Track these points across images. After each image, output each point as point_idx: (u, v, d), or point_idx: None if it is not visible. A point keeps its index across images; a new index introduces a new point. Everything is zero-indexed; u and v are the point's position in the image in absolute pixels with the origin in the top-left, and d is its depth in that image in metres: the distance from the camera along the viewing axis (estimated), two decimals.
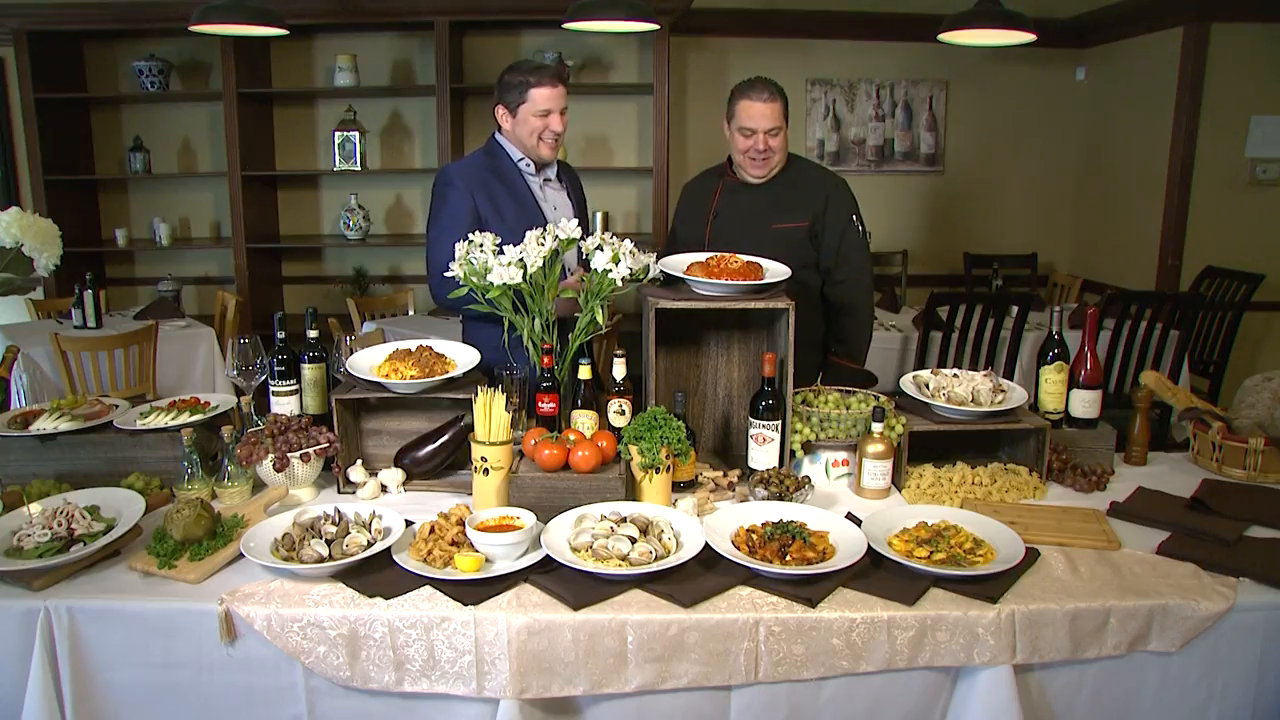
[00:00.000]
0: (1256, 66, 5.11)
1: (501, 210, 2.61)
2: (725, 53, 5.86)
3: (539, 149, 2.63)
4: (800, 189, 2.74)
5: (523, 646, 1.55)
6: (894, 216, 6.15)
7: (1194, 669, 1.65)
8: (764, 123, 2.61)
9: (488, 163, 2.68)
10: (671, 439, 1.92)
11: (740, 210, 2.75)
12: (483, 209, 2.60)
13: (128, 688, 1.62)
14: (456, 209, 2.59)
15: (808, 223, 2.71)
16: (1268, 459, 2.19)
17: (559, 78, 2.60)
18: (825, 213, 2.72)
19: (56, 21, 5.29)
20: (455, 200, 2.60)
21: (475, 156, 2.74)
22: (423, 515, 1.84)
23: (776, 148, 2.66)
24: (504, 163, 2.68)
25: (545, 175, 2.74)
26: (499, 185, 2.64)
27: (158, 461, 2.08)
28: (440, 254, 2.45)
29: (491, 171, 2.65)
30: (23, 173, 5.67)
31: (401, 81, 5.79)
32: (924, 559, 1.69)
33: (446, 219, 2.59)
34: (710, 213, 2.77)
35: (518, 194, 2.65)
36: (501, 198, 2.63)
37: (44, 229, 2.07)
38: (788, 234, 2.69)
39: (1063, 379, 2.27)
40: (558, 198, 2.77)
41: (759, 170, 2.69)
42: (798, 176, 2.77)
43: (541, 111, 2.57)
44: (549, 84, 2.57)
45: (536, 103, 2.57)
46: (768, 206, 2.72)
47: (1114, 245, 5.85)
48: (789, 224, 2.70)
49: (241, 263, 5.63)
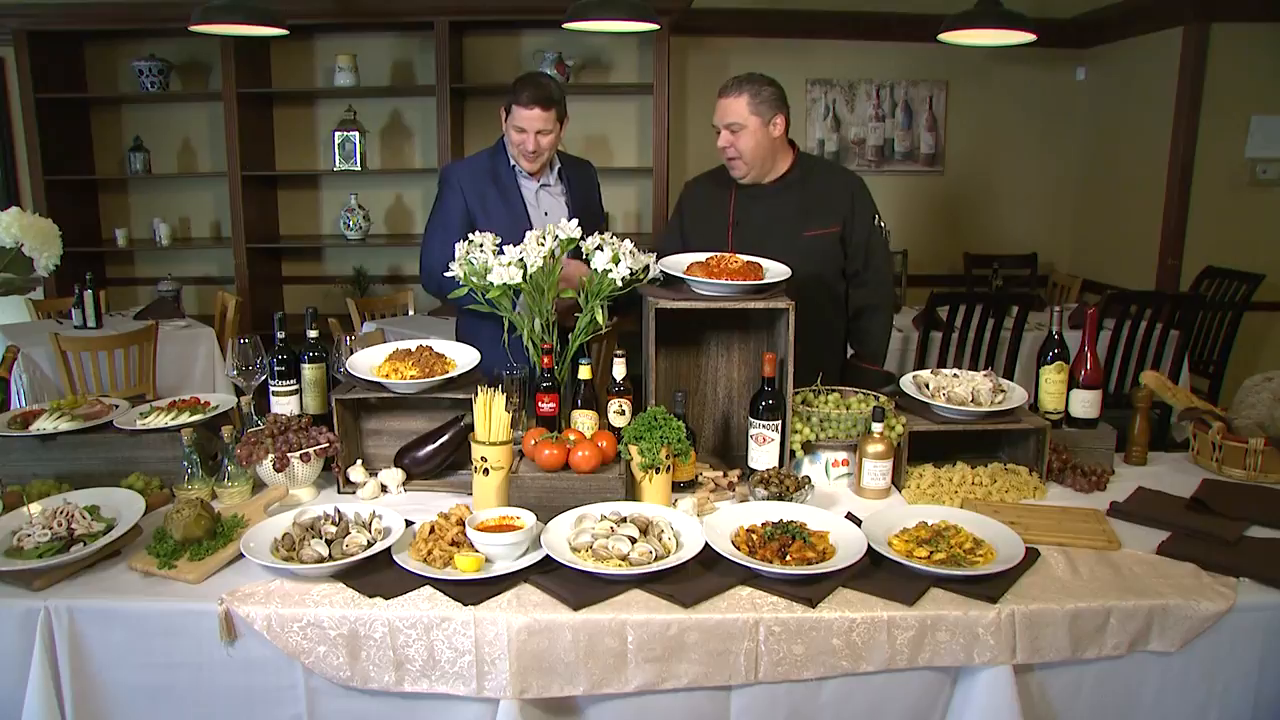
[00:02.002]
0: (1256, 66, 5.11)
1: (489, 210, 2.72)
2: (725, 53, 5.86)
3: (519, 160, 2.73)
4: (823, 192, 2.65)
5: (523, 646, 1.55)
6: (894, 216, 6.11)
7: (1194, 669, 1.65)
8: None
9: (488, 163, 2.78)
10: (671, 439, 1.92)
11: (764, 218, 2.62)
12: (473, 208, 2.72)
13: (128, 688, 1.62)
14: (449, 206, 2.74)
15: (839, 227, 2.63)
16: (1268, 459, 2.19)
17: (542, 101, 2.61)
18: (853, 215, 2.65)
19: (56, 21, 5.29)
20: (449, 198, 2.75)
21: (480, 156, 2.84)
22: (423, 515, 1.84)
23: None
24: (502, 164, 2.77)
25: (542, 180, 2.79)
26: (491, 186, 2.74)
27: (158, 461, 2.08)
28: (431, 246, 2.71)
29: (488, 172, 2.76)
30: (23, 173, 5.68)
31: (401, 81, 5.79)
32: (924, 559, 1.69)
33: (439, 215, 2.76)
34: (729, 221, 2.65)
35: (508, 196, 2.74)
36: (492, 198, 2.73)
37: (44, 229, 2.07)
38: (820, 241, 2.61)
39: (1063, 379, 2.27)
40: (552, 202, 2.81)
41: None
42: (815, 177, 2.67)
43: (519, 128, 2.66)
44: (526, 105, 2.62)
45: (517, 119, 2.65)
46: (794, 213, 2.61)
47: (1114, 245, 5.85)
48: (821, 230, 2.61)
49: (241, 263, 5.63)
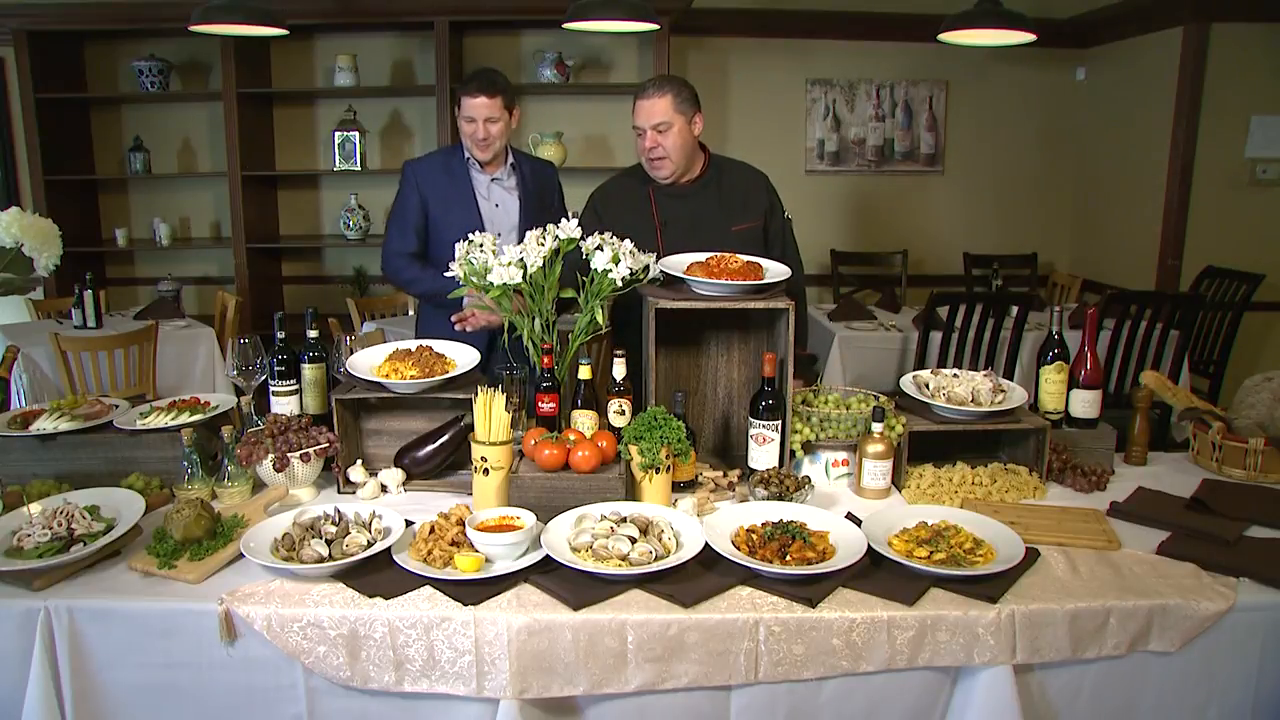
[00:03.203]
0: (1256, 66, 5.11)
1: (442, 201, 2.94)
2: (725, 53, 5.86)
3: (472, 150, 2.92)
4: (743, 187, 2.73)
5: (523, 646, 1.55)
6: (894, 216, 6.15)
7: (1194, 669, 1.65)
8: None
9: (445, 158, 3.01)
10: (671, 439, 1.92)
11: (690, 216, 2.65)
12: (427, 200, 2.95)
13: (128, 688, 1.62)
14: (404, 197, 2.98)
15: (761, 220, 2.71)
16: (1268, 459, 2.19)
17: (487, 90, 2.80)
18: (771, 208, 2.74)
19: (56, 21, 5.28)
20: (405, 191, 2.99)
21: (439, 152, 3.13)
22: (423, 515, 1.84)
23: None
24: (457, 159, 2.98)
25: (494, 174, 2.98)
26: (445, 180, 2.96)
27: (158, 461, 2.08)
28: (388, 233, 3.03)
29: (443, 167, 2.98)
30: (23, 173, 5.67)
31: (401, 81, 5.79)
32: (924, 559, 1.69)
33: (397, 208, 3.02)
34: (656, 222, 2.65)
35: (459, 188, 2.96)
36: (445, 190, 2.95)
37: (44, 229, 2.07)
38: (746, 234, 2.66)
39: (1063, 379, 2.27)
40: (503, 195, 3.01)
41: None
42: (730, 174, 2.74)
43: (468, 118, 2.84)
44: (473, 94, 2.81)
45: (465, 109, 2.84)
46: (717, 209, 2.67)
47: (1114, 245, 5.85)
48: (746, 224, 2.68)
49: (241, 263, 5.63)
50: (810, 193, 6.02)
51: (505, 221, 2.98)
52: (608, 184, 2.82)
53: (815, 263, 5.94)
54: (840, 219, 6.15)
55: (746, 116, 5.95)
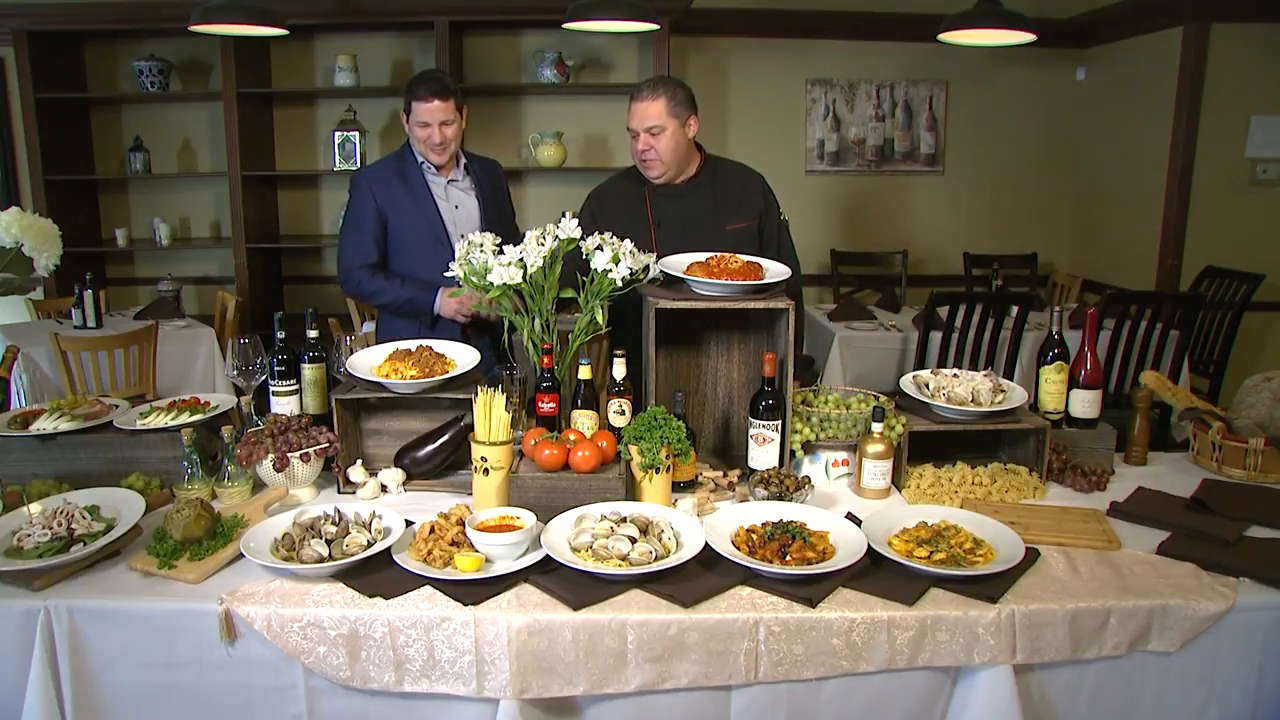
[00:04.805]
0: (1256, 66, 5.11)
1: (400, 208, 2.86)
2: (725, 53, 5.86)
3: (427, 155, 2.84)
4: (737, 188, 2.74)
5: (523, 646, 1.55)
6: (894, 216, 6.15)
7: (1194, 669, 1.65)
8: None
9: (397, 165, 2.92)
10: (671, 439, 1.92)
11: (684, 215, 2.66)
12: (383, 207, 2.85)
13: (128, 688, 1.62)
14: (358, 208, 2.88)
15: (756, 221, 2.72)
16: (1268, 459, 2.19)
17: (439, 93, 2.73)
18: (767, 209, 2.74)
19: (56, 21, 5.28)
20: (357, 199, 2.89)
21: (388, 159, 3.00)
22: (423, 515, 1.84)
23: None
24: (410, 164, 2.90)
25: (450, 176, 2.92)
26: (400, 185, 2.87)
27: (158, 461, 2.08)
28: (345, 247, 2.91)
29: (397, 173, 2.89)
30: (23, 173, 5.67)
31: (401, 82, 5.77)
32: (924, 559, 1.69)
33: (350, 219, 2.91)
34: (650, 222, 2.66)
35: (417, 194, 2.87)
36: (402, 197, 2.86)
37: (44, 229, 2.07)
38: (740, 234, 2.66)
39: (1063, 379, 2.27)
40: (462, 197, 2.94)
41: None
42: (725, 175, 2.75)
43: (421, 123, 2.77)
44: (425, 99, 2.73)
45: (417, 114, 2.76)
46: (712, 209, 2.67)
47: (1114, 245, 5.85)
48: (740, 224, 2.69)
49: (241, 263, 5.63)
50: (810, 193, 6.02)
51: (468, 223, 2.90)
52: (605, 184, 2.84)
53: (815, 263, 5.94)
54: (840, 219, 6.15)
55: (746, 116, 5.95)
